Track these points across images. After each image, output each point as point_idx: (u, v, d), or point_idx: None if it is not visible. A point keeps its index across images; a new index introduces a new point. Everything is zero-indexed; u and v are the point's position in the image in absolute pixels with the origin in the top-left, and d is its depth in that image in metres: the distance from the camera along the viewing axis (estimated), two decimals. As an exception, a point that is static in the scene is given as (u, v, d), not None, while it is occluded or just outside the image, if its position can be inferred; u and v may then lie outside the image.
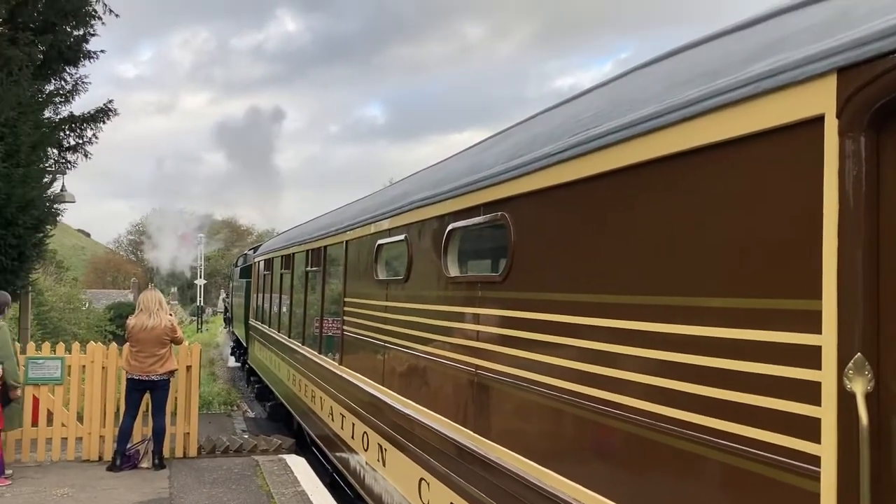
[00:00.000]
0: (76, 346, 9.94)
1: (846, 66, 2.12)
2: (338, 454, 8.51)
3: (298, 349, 11.27)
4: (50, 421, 9.55)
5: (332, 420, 8.69)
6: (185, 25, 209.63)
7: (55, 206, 16.77)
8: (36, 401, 9.50)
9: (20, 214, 13.51)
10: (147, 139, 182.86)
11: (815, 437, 2.16)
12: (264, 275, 16.67)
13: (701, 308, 2.64)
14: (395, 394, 6.27)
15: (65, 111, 18.29)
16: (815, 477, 2.15)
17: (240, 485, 8.56)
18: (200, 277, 54.34)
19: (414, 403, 5.77)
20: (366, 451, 7.09)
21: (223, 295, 58.74)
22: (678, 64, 3.11)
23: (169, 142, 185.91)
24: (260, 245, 21.58)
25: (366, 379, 7.24)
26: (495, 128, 5.40)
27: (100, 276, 76.04)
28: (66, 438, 9.60)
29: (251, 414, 17.43)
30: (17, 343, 9.02)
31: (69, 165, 18.78)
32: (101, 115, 18.57)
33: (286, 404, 13.01)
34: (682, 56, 3.14)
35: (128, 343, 9.22)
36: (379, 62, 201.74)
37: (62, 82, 17.72)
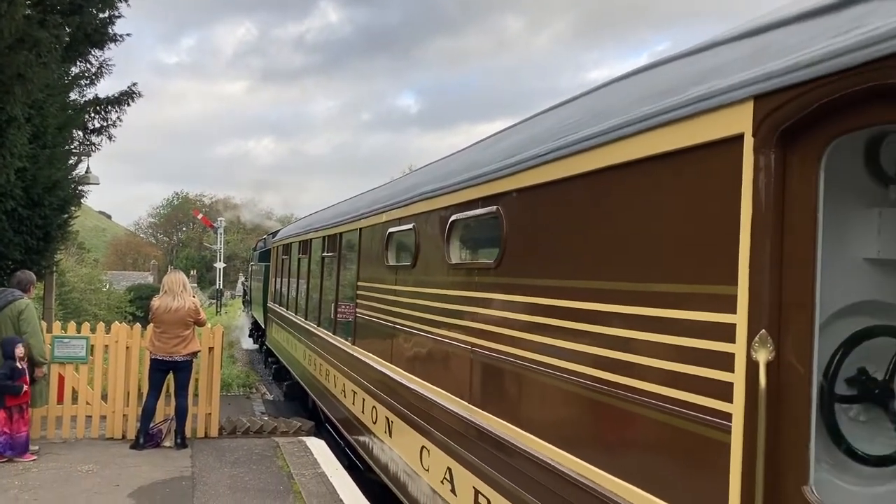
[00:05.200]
0: (101, 325, 10.14)
1: (761, 94, 2.58)
2: (349, 429, 9.05)
3: (314, 331, 11.82)
4: (75, 399, 9.74)
5: (345, 396, 9.24)
6: (230, 16, 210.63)
7: (80, 187, 17.10)
8: (61, 379, 9.68)
9: (46, 195, 13.73)
10: (177, 124, 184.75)
11: (728, 397, 2.64)
12: (283, 259, 17.24)
13: (646, 292, 3.13)
14: (402, 371, 6.79)
15: (90, 94, 18.37)
16: (727, 430, 2.64)
17: (261, 465, 8.71)
18: (220, 261, 54.98)
19: (418, 379, 6.28)
20: (374, 423, 7.62)
21: (241, 279, 59.44)
22: (643, 81, 3.57)
23: (197, 127, 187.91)
24: (279, 231, 22.15)
25: (376, 358, 7.76)
26: (526, 118, 5.81)
27: (120, 257, 77.00)
28: (90, 416, 9.79)
29: (270, 396, 17.66)
30: (42, 322, 9.15)
31: (93, 148, 18.98)
32: (126, 97, 18.61)
33: (302, 384, 13.58)
34: (648, 74, 3.60)
35: (151, 324, 9.41)
36: (418, 54, 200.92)
37: (88, 65, 17.71)
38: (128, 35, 17.64)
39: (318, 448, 9.64)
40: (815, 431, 2.46)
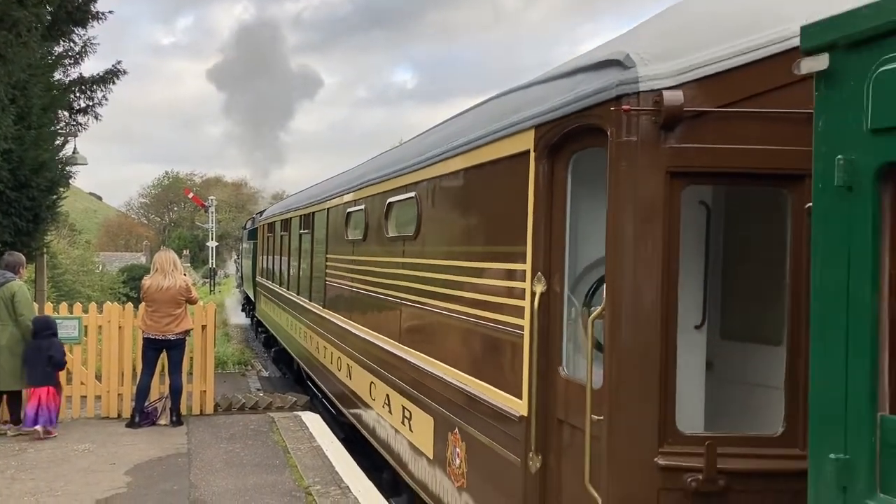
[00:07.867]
0: (93, 306, 10.11)
1: (538, 124, 4.10)
2: (324, 381, 10.63)
3: (294, 299, 13.37)
4: (69, 379, 9.70)
5: (318, 352, 10.81)
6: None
7: (67, 168, 17.04)
8: (56, 359, 9.32)
9: (34, 176, 13.69)
10: (170, 105, 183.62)
11: (522, 316, 4.20)
12: (268, 237, 18.76)
13: (488, 252, 4.70)
14: (357, 325, 8.35)
15: (74, 73, 18.33)
16: (521, 337, 4.20)
17: (256, 440, 8.78)
18: (212, 239, 55.78)
19: (368, 330, 7.84)
20: (339, 371, 9.21)
21: (234, 256, 60.49)
22: (499, 104, 5.10)
23: (190, 107, 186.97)
24: (265, 210, 23.61)
25: (340, 317, 9.32)
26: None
27: (112, 238, 77.40)
28: (85, 396, 9.81)
29: (265, 373, 17.82)
30: (34, 304, 9.20)
31: (80, 127, 19.06)
32: (111, 76, 18.64)
33: (287, 348, 15.15)
34: (504, 98, 5.13)
35: (143, 303, 9.44)
36: (416, 30, 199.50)
37: (71, 44, 17.67)
38: (110, 12, 17.57)
39: (314, 422, 9.77)
40: (569, 334, 4.02)
